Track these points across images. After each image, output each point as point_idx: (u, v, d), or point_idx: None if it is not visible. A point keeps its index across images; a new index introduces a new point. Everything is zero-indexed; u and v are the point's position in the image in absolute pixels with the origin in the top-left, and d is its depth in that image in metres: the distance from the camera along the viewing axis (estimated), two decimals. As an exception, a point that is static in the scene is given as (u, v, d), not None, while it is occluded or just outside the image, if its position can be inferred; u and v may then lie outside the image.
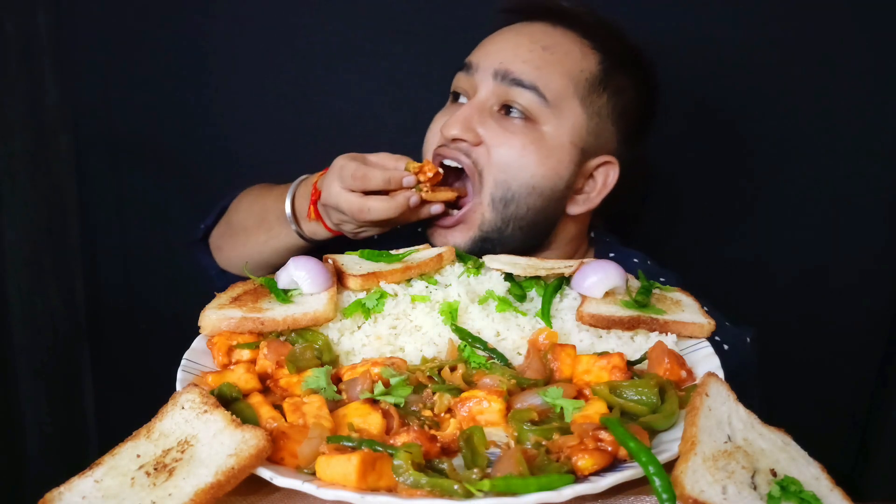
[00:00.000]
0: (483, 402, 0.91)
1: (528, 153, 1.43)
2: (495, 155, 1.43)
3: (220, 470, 0.79)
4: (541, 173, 1.45)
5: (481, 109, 1.46)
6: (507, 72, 1.44)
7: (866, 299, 2.25)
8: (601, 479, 0.80)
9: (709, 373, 0.93)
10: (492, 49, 1.50)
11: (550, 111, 1.45)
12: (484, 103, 1.47)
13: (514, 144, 1.43)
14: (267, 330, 1.07)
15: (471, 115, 1.45)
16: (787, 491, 0.77)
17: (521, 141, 1.43)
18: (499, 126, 1.45)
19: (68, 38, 2.11)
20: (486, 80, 1.46)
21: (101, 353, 2.39)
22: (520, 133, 1.44)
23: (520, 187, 1.44)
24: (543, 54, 1.46)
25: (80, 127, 2.18)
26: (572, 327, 1.13)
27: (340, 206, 1.39)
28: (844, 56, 2.04)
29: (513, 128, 1.45)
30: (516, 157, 1.43)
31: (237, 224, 1.70)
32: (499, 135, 1.44)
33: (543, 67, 1.45)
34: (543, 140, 1.45)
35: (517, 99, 1.44)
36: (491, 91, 1.46)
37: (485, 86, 1.47)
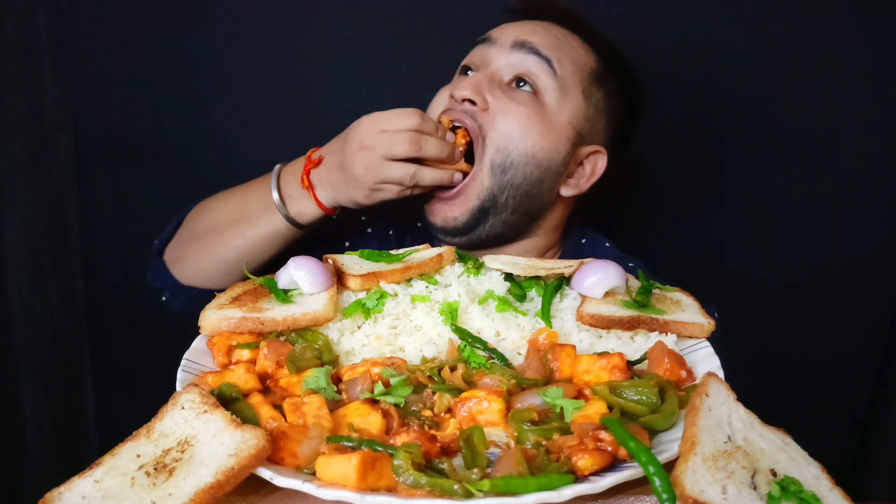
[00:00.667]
0: (483, 402, 0.91)
1: (532, 124, 1.49)
2: (500, 122, 1.49)
3: (220, 470, 0.79)
4: (540, 144, 1.50)
5: (492, 79, 1.52)
6: (526, 41, 1.52)
7: (866, 299, 2.25)
8: (601, 479, 0.80)
9: (709, 373, 0.93)
10: (512, 27, 1.56)
11: (558, 88, 1.52)
12: (495, 73, 1.53)
13: (520, 114, 1.49)
14: (267, 330, 1.07)
15: (482, 81, 1.51)
16: (787, 491, 0.77)
17: (526, 112, 1.49)
18: (506, 96, 1.51)
19: (68, 38, 2.11)
20: (504, 51, 1.53)
21: (101, 353, 2.39)
22: (526, 104, 1.50)
23: (519, 155, 1.49)
24: (556, 41, 1.55)
25: (80, 127, 2.19)
26: (572, 327, 1.13)
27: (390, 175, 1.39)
28: (844, 56, 2.04)
29: (520, 98, 1.51)
30: (520, 126, 1.49)
31: (204, 228, 1.61)
32: (506, 103, 1.49)
33: (558, 48, 1.54)
34: (547, 115, 1.51)
35: (532, 68, 1.51)
36: (506, 61, 1.53)
37: (501, 56, 1.53)
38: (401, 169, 1.40)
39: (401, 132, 1.39)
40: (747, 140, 2.14)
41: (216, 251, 1.56)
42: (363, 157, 1.39)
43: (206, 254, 1.58)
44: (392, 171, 1.39)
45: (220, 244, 1.56)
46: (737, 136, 2.14)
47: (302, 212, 1.50)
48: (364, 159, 1.39)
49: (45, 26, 2.09)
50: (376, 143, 1.38)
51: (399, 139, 1.39)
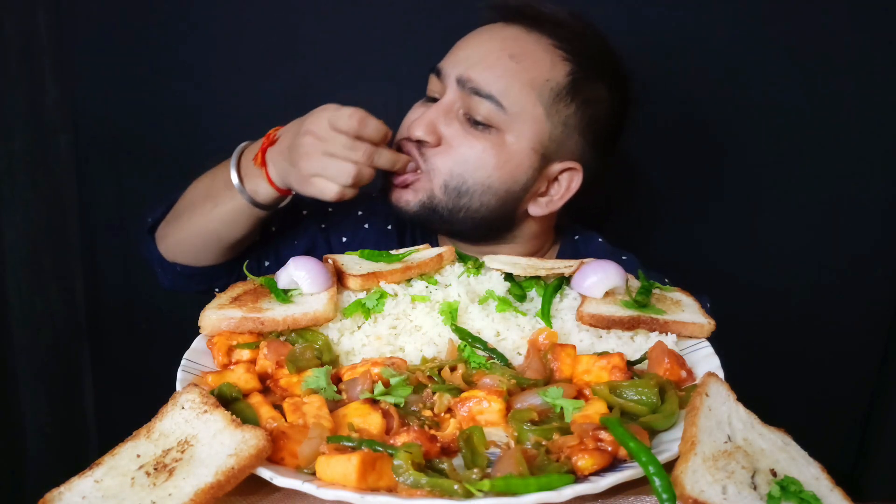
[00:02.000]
0: (483, 402, 0.91)
1: (488, 156, 1.48)
2: (455, 153, 1.49)
3: (220, 470, 0.79)
4: (497, 175, 1.49)
5: (448, 112, 1.50)
6: (467, 79, 1.48)
7: (866, 299, 2.25)
8: (601, 479, 0.80)
9: (709, 373, 0.93)
10: (460, 55, 1.53)
11: (509, 119, 1.47)
12: (450, 106, 1.51)
13: (475, 146, 1.48)
14: (267, 330, 1.07)
15: (437, 117, 1.50)
16: (787, 491, 0.77)
17: (482, 144, 1.48)
18: (462, 128, 1.49)
19: (68, 38, 2.11)
20: (451, 86, 1.50)
21: (101, 353, 2.38)
22: (482, 137, 1.48)
23: (475, 183, 1.49)
24: (509, 63, 1.47)
25: (80, 127, 2.18)
26: (572, 327, 1.13)
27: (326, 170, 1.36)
28: (844, 55, 2.04)
29: (475, 132, 1.49)
30: (475, 157, 1.48)
31: (182, 207, 1.62)
32: (461, 136, 1.49)
33: (505, 77, 1.47)
34: (504, 146, 1.49)
35: (476, 107, 1.47)
36: (456, 96, 1.50)
37: (451, 91, 1.51)
38: (339, 167, 1.36)
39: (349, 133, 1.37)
40: (748, 140, 2.14)
41: (189, 228, 1.57)
42: (307, 145, 1.37)
43: (182, 231, 1.59)
44: (329, 168, 1.36)
45: (191, 222, 1.56)
46: (736, 136, 2.14)
47: (257, 190, 1.47)
48: (307, 147, 1.37)
49: (45, 26, 2.09)
50: (325, 136, 1.36)
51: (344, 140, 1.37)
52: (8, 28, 2.04)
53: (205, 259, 1.61)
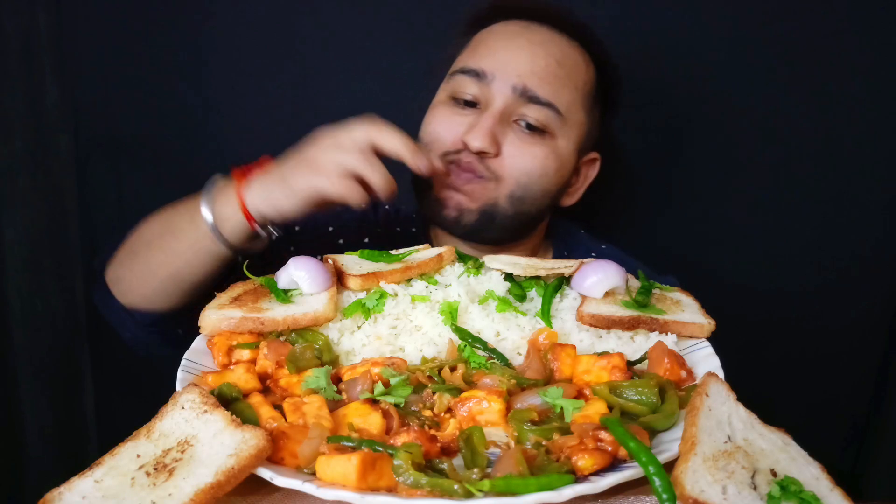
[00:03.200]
0: (483, 402, 0.91)
1: (549, 162, 1.51)
2: (518, 164, 1.48)
3: (220, 470, 0.79)
4: (554, 180, 1.54)
5: (501, 120, 1.48)
6: (525, 88, 1.47)
7: (866, 299, 2.25)
8: (601, 479, 0.80)
9: (709, 373, 0.93)
10: (508, 59, 1.49)
11: (563, 124, 1.51)
12: (505, 114, 1.48)
13: (536, 154, 1.49)
14: (267, 330, 1.07)
15: (493, 127, 1.46)
16: (787, 491, 0.77)
17: (542, 151, 1.50)
18: (517, 137, 1.49)
19: (68, 38, 2.11)
20: (504, 92, 1.48)
21: (101, 353, 2.38)
22: (538, 144, 1.50)
23: (538, 190, 1.52)
24: (558, 70, 1.50)
25: (80, 127, 2.18)
26: (572, 327, 1.13)
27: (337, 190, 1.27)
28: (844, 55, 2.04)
29: (530, 139, 1.49)
30: (539, 165, 1.49)
31: (137, 244, 1.48)
32: (519, 144, 1.48)
33: (557, 83, 1.49)
34: (557, 150, 1.52)
35: (534, 114, 1.48)
36: (508, 103, 1.48)
37: (501, 97, 1.48)
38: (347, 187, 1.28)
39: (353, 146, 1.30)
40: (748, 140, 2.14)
41: (146, 266, 1.43)
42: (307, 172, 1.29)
43: (138, 270, 1.45)
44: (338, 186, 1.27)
45: (148, 259, 1.42)
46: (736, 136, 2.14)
47: (226, 217, 1.33)
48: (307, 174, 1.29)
49: (45, 26, 2.09)
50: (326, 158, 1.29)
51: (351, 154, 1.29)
52: (8, 28, 2.04)
53: (162, 302, 1.44)
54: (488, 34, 1.58)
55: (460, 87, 1.53)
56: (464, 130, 1.49)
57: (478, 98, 1.51)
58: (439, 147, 1.52)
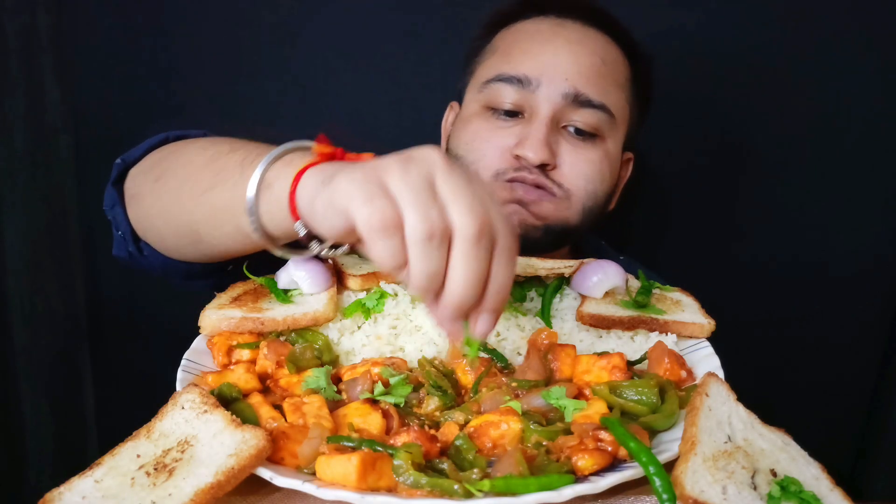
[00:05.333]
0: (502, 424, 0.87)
1: (604, 166, 1.44)
2: (579, 173, 1.41)
3: (220, 470, 0.79)
4: (610, 182, 1.48)
5: (553, 129, 1.40)
6: (576, 92, 1.38)
7: (866, 299, 2.25)
8: (601, 479, 0.80)
9: (709, 373, 0.93)
10: (551, 61, 1.39)
11: (613, 125, 1.45)
12: (556, 121, 1.40)
13: (593, 160, 1.42)
14: (267, 330, 1.07)
15: (548, 135, 1.38)
16: (787, 491, 0.77)
17: (596, 156, 1.43)
18: (570, 145, 1.41)
19: (68, 38, 2.11)
20: (553, 99, 1.39)
21: (101, 353, 2.38)
22: (591, 149, 1.43)
23: (602, 196, 1.47)
24: (604, 69, 1.42)
25: (80, 127, 2.18)
26: (572, 327, 1.13)
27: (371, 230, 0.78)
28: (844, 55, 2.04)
29: (583, 145, 1.42)
30: (598, 170, 1.43)
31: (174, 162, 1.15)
32: (574, 154, 1.41)
33: (604, 82, 1.42)
34: (609, 153, 1.46)
35: (586, 119, 1.40)
36: (557, 109, 1.39)
37: (550, 103, 1.39)
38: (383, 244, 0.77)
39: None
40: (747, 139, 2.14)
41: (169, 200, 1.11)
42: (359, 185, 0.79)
43: (161, 201, 1.14)
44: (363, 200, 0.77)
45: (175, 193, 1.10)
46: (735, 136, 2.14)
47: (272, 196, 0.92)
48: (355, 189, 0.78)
49: (45, 26, 2.09)
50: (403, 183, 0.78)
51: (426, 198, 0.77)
52: (8, 28, 2.04)
53: (178, 252, 1.19)
54: (518, 35, 1.48)
55: (499, 97, 1.42)
56: (513, 143, 1.39)
57: (520, 106, 1.41)
58: (487, 165, 1.41)
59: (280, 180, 0.91)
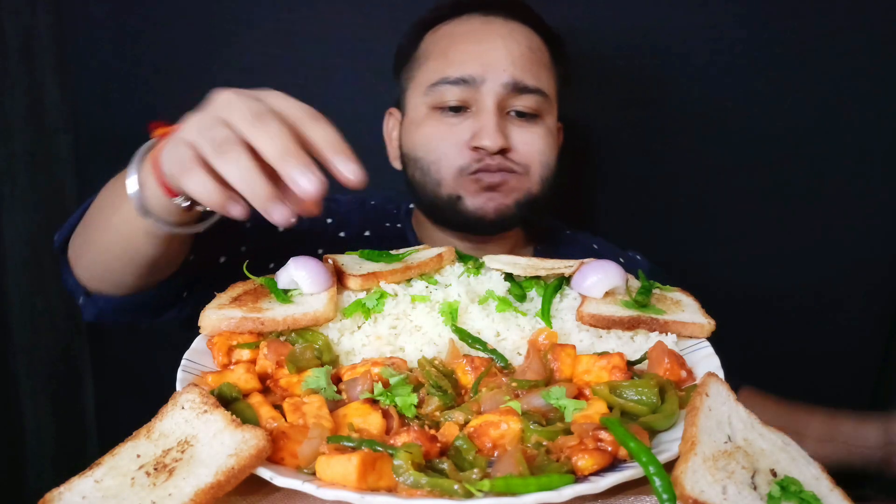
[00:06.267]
0: (502, 424, 0.88)
1: (549, 140, 1.61)
2: (532, 149, 1.57)
3: (220, 470, 0.79)
4: (554, 154, 1.64)
5: (502, 115, 1.55)
6: (516, 82, 1.54)
7: (866, 299, 2.25)
8: (601, 479, 0.80)
9: (709, 373, 0.93)
10: (489, 58, 1.54)
11: (549, 104, 1.62)
12: (498, 110, 1.55)
13: (539, 134, 1.59)
14: (267, 330, 1.07)
15: (498, 124, 1.53)
16: (787, 491, 0.77)
17: (541, 130, 1.60)
18: (517, 127, 1.57)
19: (68, 38, 2.11)
20: (496, 90, 1.53)
21: (101, 353, 2.39)
22: (535, 127, 1.59)
23: (553, 166, 1.63)
24: (533, 56, 1.58)
25: (80, 127, 2.19)
26: (572, 327, 1.13)
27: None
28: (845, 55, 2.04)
29: (528, 125, 1.59)
30: (545, 144, 1.60)
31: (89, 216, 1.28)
32: (523, 134, 1.57)
33: (537, 68, 1.58)
34: (549, 127, 1.63)
35: (526, 103, 1.56)
36: (501, 98, 1.54)
37: (494, 95, 1.53)
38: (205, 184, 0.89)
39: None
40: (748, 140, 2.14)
41: (96, 242, 1.22)
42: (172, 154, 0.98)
43: (91, 247, 1.25)
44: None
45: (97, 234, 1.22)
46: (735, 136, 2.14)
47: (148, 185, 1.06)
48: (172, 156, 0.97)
49: (45, 26, 2.09)
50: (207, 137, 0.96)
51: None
52: (8, 28, 2.04)
53: (123, 284, 1.27)
54: (449, 37, 1.60)
55: (445, 97, 1.56)
56: (468, 137, 1.54)
57: (466, 101, 1.55)
58: (450, 163, 1.56)
59: (146, 171, 1.06)
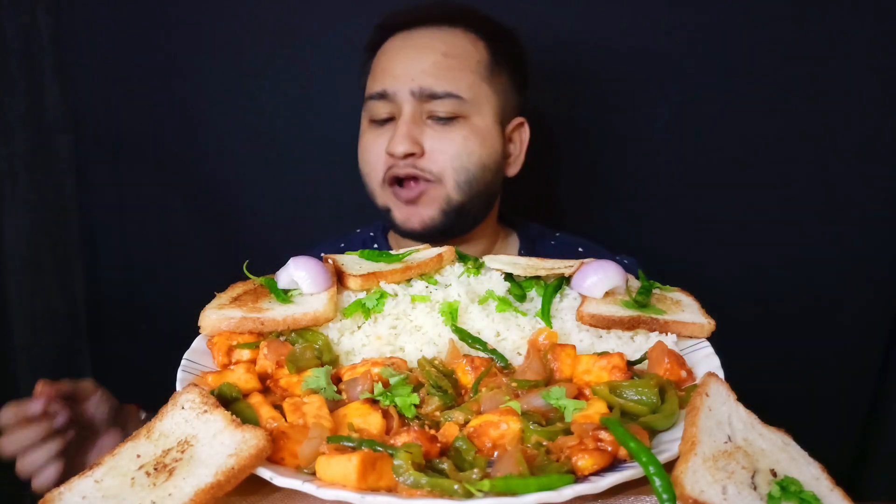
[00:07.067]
0: (502, 424, 0.88)
1: (470, 143, 1.61)
2: (445, 153, 1.59)
3: (220, 470, 0.79)
4: (485, 154, 1.64)
5: (415, 121, 1.60)
6: (421, 89, 1.58)
7: (866, 300, 2.25)
8: (601, 479, 0.80)
9: (709, 373, 0.93)
10: (400, 70, 1.61)
11: (470, 105, 1.61)
12: (415, 115, 1.60)
13: (456, 138, 1.60)
14: (267, 330, 1.07)
15: (409, 130, 1.58)
16: (787, 491, 0.77)
17: (459, 134, 1.60)
18: (434, 132, 1.60)
19: (68, 38, 2.11)
20: (407, 99, 1.59)
21: (101, 353, 2.38)
22: (454, 130, 1.60)
23: (475, 170, 1.62)
24: (445, 61, 1.61)
25: (80, 127, 2.19)
26: (572, 327, 1.13)
27: None
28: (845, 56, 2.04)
29: (446, 128, 1.60)
30: (463, 147, 1.60)
31: None
32: (438, 138, 1.60)
33: (449, 73, 1.60)
34: (475, 128, 1.62)
35: (439, 107, 1.59)
36: (414, 106, 1.60)
37: (407, 104, 1.59)
38: None
39: None
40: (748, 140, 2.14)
41: None
42: None
43: None
44: None
45: None
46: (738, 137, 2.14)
47: None
48: None
49: (45, 26, 2.09)
50: None
51: None
52: (8, 28, 2.04)
53: None
54: (381, 55, 1.69)
55: (374, 111, 1.65)
56: (387, 145, 1.60)
57: (392, 113, 1.63)
58: (376, 174, 1.63)
59: None
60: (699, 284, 1.33)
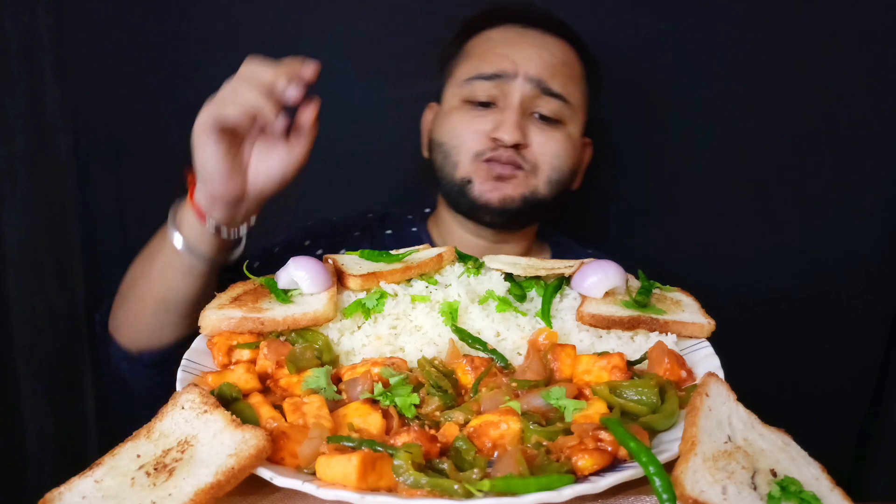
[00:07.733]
0: (502, 424, 0.88)
1: (568, 146, 1.70)
2: (547, 151, 1.66)
3: (220, 470, 0.79)
4: (573, 162, 1.74)
5: (524, 113, 1.65)
6: (540, 81, 1.64)
7: (866, 299, 2.25)
8: (601, 479, 0.80)
9: (709, 373, 0.93)
10: (522, 58, 1.65)
11: (572, 113, 1.70)
12: (521, 107, 1.64)
13: (558, 139, 1.67)
14: (267, 330, 1.07)
15: (519, 120, 1.63)
16: (787, 491, 0.77)
17: (561, 136, 1.68)
18: (538, 128, 1.66)
19: (68, 38, 2.11)
20: (522, 88, 1.63)
21: (101, 353, 2.38)
22: (556, 131, 1.68)
23: (567, 171, 1.71)
24: (562, 68, 1.68)
25: (80, 127, 2.18)
26: (572, 327, 1.13)
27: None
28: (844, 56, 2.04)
29: (549, 128, 1.67)
30: (562, 149, 1.68)
31: (125, 287, 1.50)
32: (542, 136, 1.66)
33: (563, 77, 1.67)
34: (570, 135, 1.71)
35: (548, 106, 1.65)
36: (526, 97, 1.64)
37: (520, 92, 1.63)
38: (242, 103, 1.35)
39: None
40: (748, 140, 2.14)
41: (136, 302, 1.43)
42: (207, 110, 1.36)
43: (131, 309, 1.45)
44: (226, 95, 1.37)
45: (136, 294, 1.43)
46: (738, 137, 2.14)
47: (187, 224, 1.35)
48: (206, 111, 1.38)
49: (45, 26, 2.09)
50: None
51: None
52: (8, 28, 2.04)
53: (166, 335, 1.43)
54: (489, 41, 1.72)
55: (476, 91, 1.67)
56: (490, 129, 1.63)
57: (494, 98, 1.66)
58: (468, 148, 1.66)
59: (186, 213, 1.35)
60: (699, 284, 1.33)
